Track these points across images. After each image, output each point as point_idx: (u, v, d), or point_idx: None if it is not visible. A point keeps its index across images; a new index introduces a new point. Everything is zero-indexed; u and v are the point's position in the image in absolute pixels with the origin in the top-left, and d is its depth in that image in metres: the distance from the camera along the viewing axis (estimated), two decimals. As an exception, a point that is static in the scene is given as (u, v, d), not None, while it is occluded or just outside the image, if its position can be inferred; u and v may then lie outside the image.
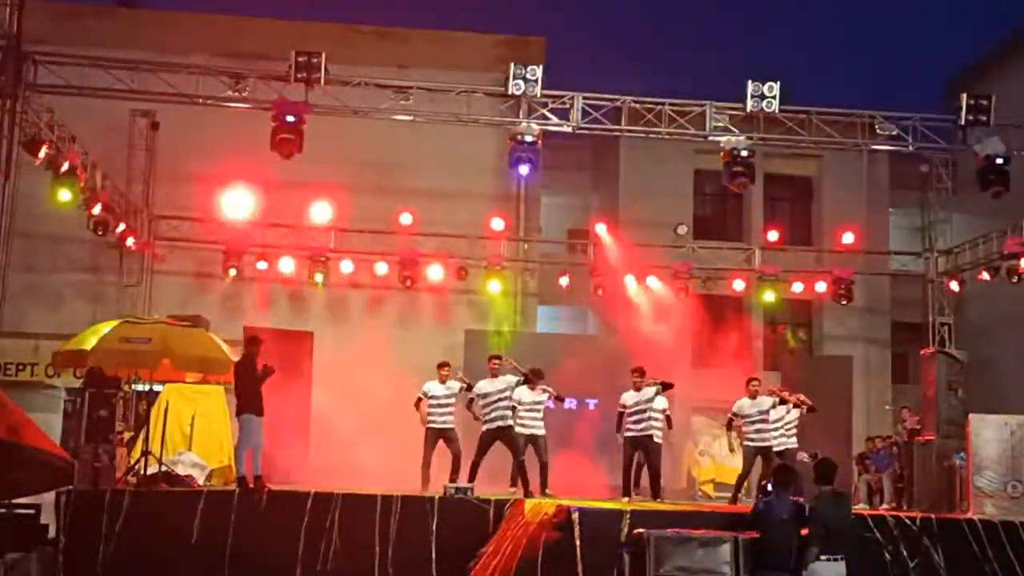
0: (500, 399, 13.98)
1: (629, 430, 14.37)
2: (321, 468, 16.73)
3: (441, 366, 14.42)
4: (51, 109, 16.08)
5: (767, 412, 14.43)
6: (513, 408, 14.08)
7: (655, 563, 10.62)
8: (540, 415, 14.33)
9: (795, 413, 15.05)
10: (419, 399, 14.20)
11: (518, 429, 14.10)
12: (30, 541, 11.66)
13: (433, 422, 14.14)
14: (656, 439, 14.41)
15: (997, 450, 14.08)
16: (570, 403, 17.39)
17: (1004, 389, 21.19)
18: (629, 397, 14.45)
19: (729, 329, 23.83)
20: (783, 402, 14.74)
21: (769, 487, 11.72)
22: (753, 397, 14.55)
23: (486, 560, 11.37)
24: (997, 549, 11.94)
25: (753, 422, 14.43)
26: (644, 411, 14.32)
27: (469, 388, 14.18)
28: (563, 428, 17.01)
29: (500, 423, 13.95)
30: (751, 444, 14.43)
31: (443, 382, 14.26)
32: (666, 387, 14.50)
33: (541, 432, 14.28)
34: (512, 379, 14.08)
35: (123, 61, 16.06)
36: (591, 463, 16.57)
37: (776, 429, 14.68)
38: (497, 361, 14.36)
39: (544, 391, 14.32)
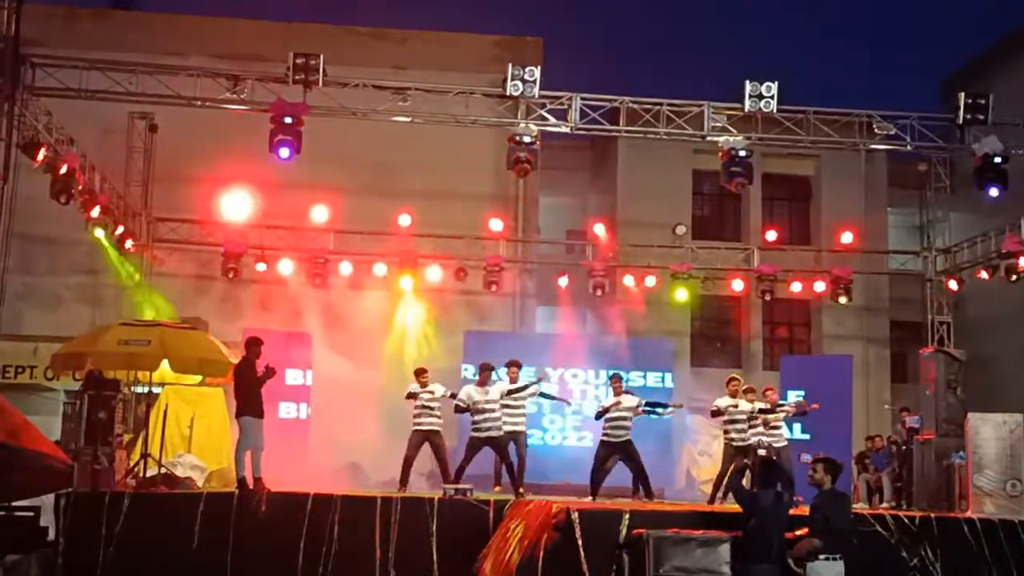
0: (490, 407, 14.01)
1: (607, 435, 14.40)
2: (321, 470, 16.76)
3: (419, 373, 14.45)
4: (49, 112, 16.06)
5: (747, 413, 14.48)
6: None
7: (654, 563, 10.62)
8: (523, 412, 14.35)
9: (780, 413, 15.12)
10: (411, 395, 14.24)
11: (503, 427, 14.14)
12: (30, 543, 11.68)
13: (420, 424, 14.21)
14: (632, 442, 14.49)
15: (996, 449, 14.10)
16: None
17: (1003, 388, 21.21)
18: (609, 401, 14.50)
19: (728, 329, 23.87)
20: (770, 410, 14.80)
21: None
22: (734, 396, 14.59)
23: (488, 562, 11.37)
24: (996, 548, 11.94)
25: (734, 421, 14.47)
26: (625, 418, 14.36)
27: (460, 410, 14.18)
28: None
29: (491, 432, 14.00)
30: (732, 444, 14.49)
31: (424, 386, 14.25)
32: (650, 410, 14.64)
33: (522, 429, 14.32)
34: (504, 387, 14.14)
35: (121, 63, 16.04)
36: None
37: (762, 427, 14.72)
38: (489, 373, 14.34)
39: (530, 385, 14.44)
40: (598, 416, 14.57)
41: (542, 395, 15.27)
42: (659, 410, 15.15)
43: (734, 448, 14.43)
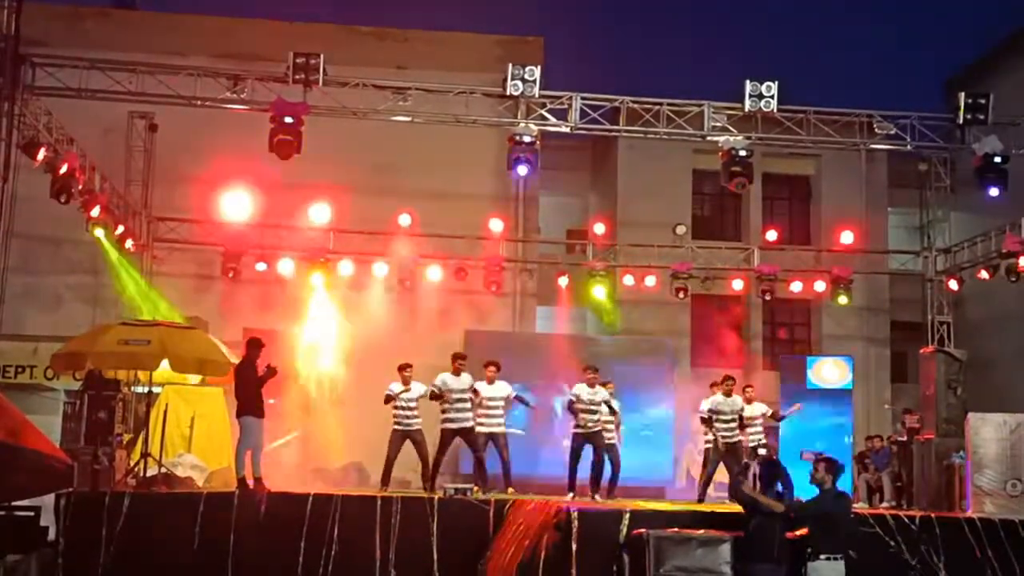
0: (462, 398, 14.00)
1: (578, 425, 14.34)
2: (321, 470, 16.76)
3: (402, 368, 14.37)
4: (49, 111, 16.05)
5: (739, 412, 14.56)
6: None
7: (655, 563, 10.64)
8: (500, 411, 14.31)
9: (759, 408, 15.24)
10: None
11: (477, 428, 14.14)
12: (30, 543, 11.68)
13: (400, 423, 14.18)
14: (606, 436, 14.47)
15: (996, 449, 14.11)
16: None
17: (1003, 387, 21.20)
18: (583, 391, 14.37)
19: (728, 329, 23.86)
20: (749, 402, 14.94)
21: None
22: (728, 395, 14.64)
23: (491, 564, 11.37)
24: (997, 548, 11.96)
25: (726, 420, 14.53)
26: (596, 410, 14.32)
27: (435, 396, 14.13)
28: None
29: (462, 423, 14.00)
30: (717, 441, 14.58)
31: (406, 383, 14.20)
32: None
33: (500, 429, 14.31)
34: (469, 378, 14.12)
35: (121, 63, 16.03)
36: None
37: (749, 427, 14.83)
38: (462, 361, 14.30)
39: (505, 387, 14.37)
40: (570, 408, 14.46)
41: (517, 398, 14.94)
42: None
43: (721, 446, 14.48)
